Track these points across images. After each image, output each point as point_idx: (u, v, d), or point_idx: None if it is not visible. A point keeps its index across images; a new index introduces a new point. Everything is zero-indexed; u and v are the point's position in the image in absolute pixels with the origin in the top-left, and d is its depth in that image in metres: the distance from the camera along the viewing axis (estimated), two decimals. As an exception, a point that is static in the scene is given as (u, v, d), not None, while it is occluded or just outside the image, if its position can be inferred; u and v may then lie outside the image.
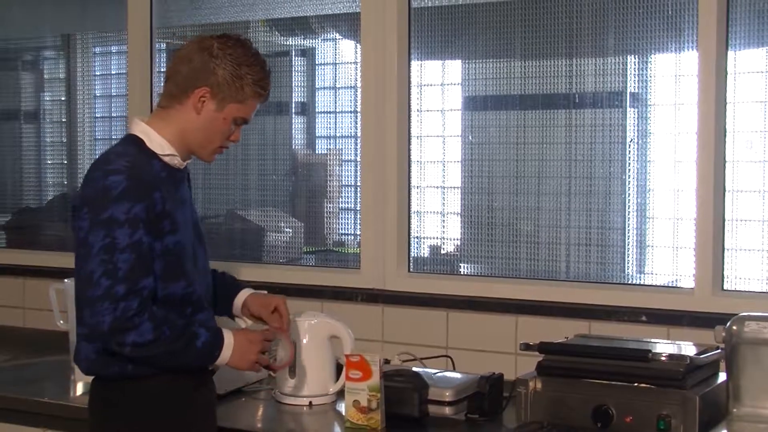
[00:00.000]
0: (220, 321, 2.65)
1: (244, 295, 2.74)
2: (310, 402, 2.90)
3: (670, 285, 3.21)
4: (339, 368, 2.90)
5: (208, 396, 2.59)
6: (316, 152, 3.98)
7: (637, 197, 3.27)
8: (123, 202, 2.30)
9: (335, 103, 3.89)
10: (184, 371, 2.46)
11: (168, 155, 2.46)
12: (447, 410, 2.74)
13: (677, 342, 2.86)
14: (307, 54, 3.99)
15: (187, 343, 2.40)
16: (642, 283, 3.28)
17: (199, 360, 2.46)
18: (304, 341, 2.90)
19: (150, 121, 2.51)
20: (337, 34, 3.89)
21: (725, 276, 3.04)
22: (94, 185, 2.35)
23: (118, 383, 2.45)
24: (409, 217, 3.51)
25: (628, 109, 3.28)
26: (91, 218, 2.32)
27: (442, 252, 3.61)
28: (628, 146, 3.27)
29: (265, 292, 2.84)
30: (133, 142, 2.46)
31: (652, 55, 3.28)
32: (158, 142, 2.46)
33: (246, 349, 2.51)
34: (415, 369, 2.90)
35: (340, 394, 2.83)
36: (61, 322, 3.47)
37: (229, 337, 2.47)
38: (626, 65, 3.29)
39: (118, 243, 2.29)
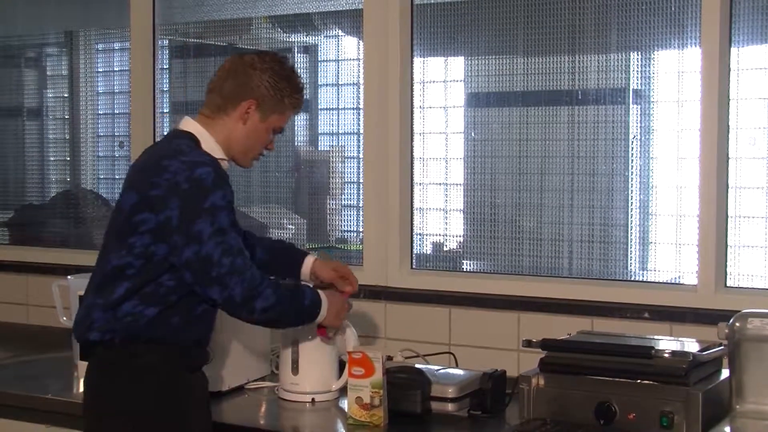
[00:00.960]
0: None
1: (310, 261, 2.91)
2: (313, 399, 2.90)
3: (673, 282, 3.20)
4: (342, 365, 2.90)
5: (203, 382, 2.64)
6: (319, 149, 3.98)
7: (639, 194, 3.26)
8: (218, 190, 2.48)
9: (338, 99, 3.89)
10: (180, 353, 2.55)
11: (219, 158, 2.60)
12: (450, 407, 2.74)
13: (680, 339, 2.86)
14: (310, 51, 3.98)
15: (299, 302, 2.65)
16: (645, 279, 3.27)
17: (304, 318, 2.71)
18: (308, 338, 2.90)
19: (199, 124, 2.64)
20: (340, 31, 3.89)
21: (728, 273, 3.04)
22: (177, 178, 2.47)
23: (113, 364, 2.52)
24: (412, 213, 3.51)
25: (631, 105, 3.28)
26: (184, 208, 2.46)
27: (445, 249, 3.60)
28: (630, 143, 3.27)
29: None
30: (192, 138, 2.60)
31: (655, 52, 3.28)
32: (211, 146, 2.61)
33: (340, 308, 2.79)
34: (417, 366, 2.90)
35: (343, 391, 2.84)
36: (64, 318, 3.47)
37: (323, 297, 2.72)
38: (629, 62, 3.28)
39: (223, 225, 2.48)
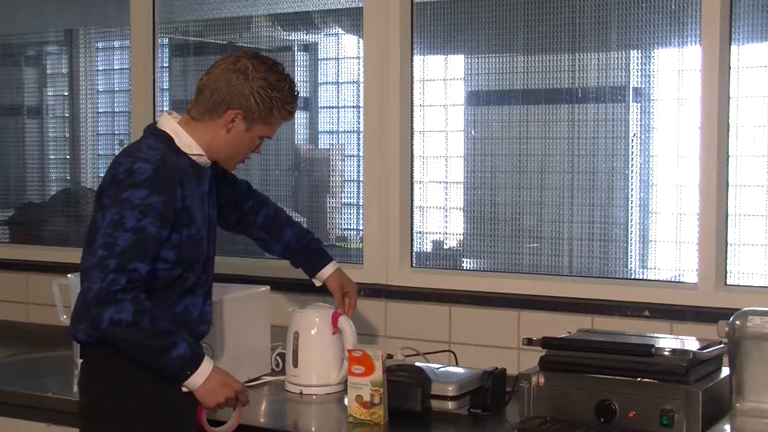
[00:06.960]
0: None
1: (331, 269, 3.02)
2: (302, 393, 2.89)
3: (673, 280, 3.20)
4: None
5: None
6: (319, 147, 3.97)
7: (640, 192, 3.27)
8: (142, 189, 2.40)
9: (338, 98, 3.89)
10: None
11: (196, 155, 2.57)
12: (450, 405, 2.74)
13: (680, 337, 2.86)
14: (310, 49, 3.98)
15: (163, 347, 2.41)
16: (645, 278, 3.28)
17: (167, 369, 2.44)
18: (312, 332, 2.91)
19: (180, 122, 2.60)
20: (340, 29, 3.88)
21: (728, 271, 3.04)
22: (120, 168, 2.46)
23: (101, 362, 2.52)
24: (412, 212, 3.51)
25: (631, 103, 3.28)
26: (109, 197, 2.44)
27: (445, 247, 3.60)
28: (630, 141, 3.27)
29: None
30: (163, 139, 2.56)
31: (655, 50, 3.28)
32: (186, 142, 2.57)
33: (217, 390, 2.49)
34: (417, 364, 2.90)
35: (345, 386, 2.84)
36: (64, 317, 3.47)
37: (207, 366, 2.47)
38: (629, 60, 3.28)
39: (124, 222, 2.39)
